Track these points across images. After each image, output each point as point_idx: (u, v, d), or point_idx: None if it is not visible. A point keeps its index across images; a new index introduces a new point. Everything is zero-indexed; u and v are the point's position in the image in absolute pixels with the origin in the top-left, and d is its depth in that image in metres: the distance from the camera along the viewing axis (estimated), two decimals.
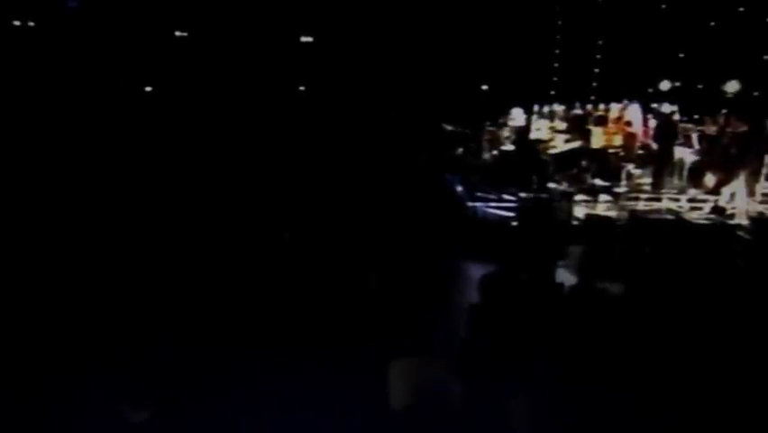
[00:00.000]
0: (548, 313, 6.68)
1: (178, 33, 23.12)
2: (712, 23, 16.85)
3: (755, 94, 15.58)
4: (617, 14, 18.22)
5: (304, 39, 22.53)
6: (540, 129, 11.99)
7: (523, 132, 11.29)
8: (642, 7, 18.02)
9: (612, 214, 10.31)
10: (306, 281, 7.51)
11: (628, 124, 11.67)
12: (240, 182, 12.18)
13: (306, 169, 13.49)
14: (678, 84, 17.82)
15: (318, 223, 9.79)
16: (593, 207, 10.48)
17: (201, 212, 10.24)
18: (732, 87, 17.87)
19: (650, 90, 17.98)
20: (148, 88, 21.57)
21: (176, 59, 20.68)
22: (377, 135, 16.95)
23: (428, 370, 4.83)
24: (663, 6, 18.12)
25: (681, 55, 17.88)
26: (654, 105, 13.82)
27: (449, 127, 16.68)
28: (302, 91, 22.29)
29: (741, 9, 15.89)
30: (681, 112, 14.00)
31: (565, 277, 9.06)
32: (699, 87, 17.02)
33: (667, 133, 11.28)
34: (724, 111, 14.76)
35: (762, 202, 10.54)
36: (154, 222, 9.74)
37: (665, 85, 19.16)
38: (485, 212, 10.79)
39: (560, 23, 19.01)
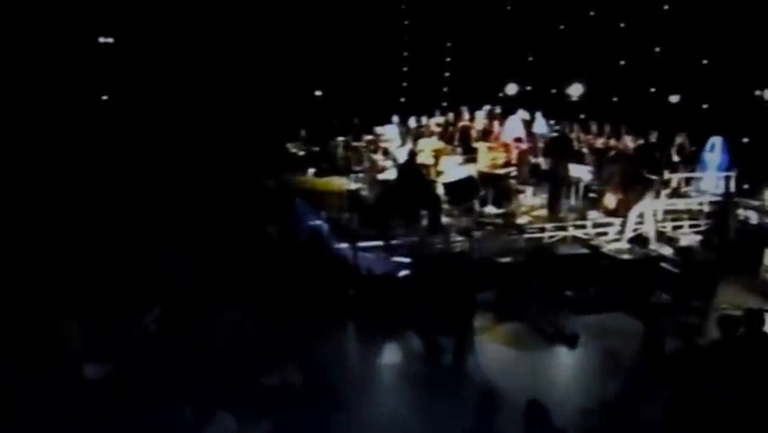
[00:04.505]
0: None
1: None
2: (561, 26, 16.23)
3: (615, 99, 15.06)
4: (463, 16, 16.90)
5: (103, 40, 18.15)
6: (420, 149, 9.81)
7: (409, 156, 9.01)
8: (489, 8, 16.91)
9: (522, 250, 8.55)
10: None
11: (518, 140, 10.01)
12: None
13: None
14: (528, 88, 16.95)
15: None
16: (498, 243, 8.62)
17: None
18: (576, 90, 17.40)
19: (500, 95, 16.93)
20: None
21: None
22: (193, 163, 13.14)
23: None
24: (509, 8, 17.19)
25: (530, 58, 17.10)
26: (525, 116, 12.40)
27: (295, 146, 14.00)
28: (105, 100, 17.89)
29: (592, 13, 15.38)
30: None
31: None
32: (552, 91, 16.26)
33: (561, 148, 9.79)
34: (582, 116, 14.06)
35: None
36: None
37: (513, 88, 18.28)
38: (368, 260, 8.34)
39: (406, 22, 17.31)
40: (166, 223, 9.35)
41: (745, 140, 11.72)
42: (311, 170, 13.03)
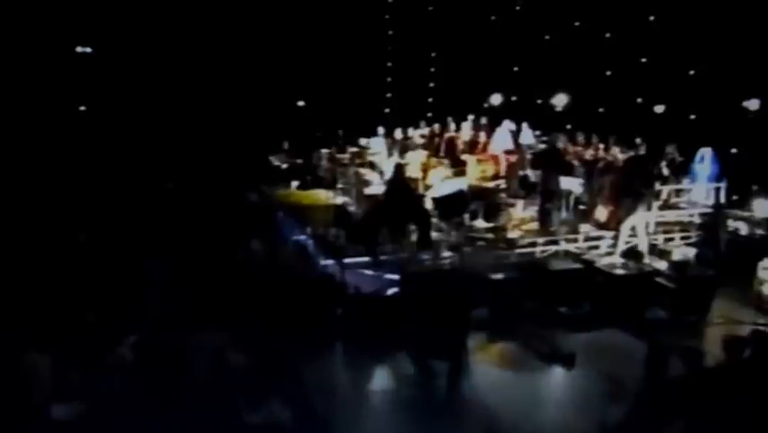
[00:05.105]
0: None
1: None
2: (547, 36, 16.13)
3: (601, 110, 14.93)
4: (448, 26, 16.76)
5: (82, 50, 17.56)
6: (407, 162, 9.56)
7: (397, 169, 8.72)
8: (473, 18, 16.76)
9: (513, 265, 8.32)
10: None
11: (509, 152, 9.80)
12: None
13: None
14: (513, 98, 16.80)
15: None
16: (489, 259, 8.37)
17: None
18: (560, 100, 17.29)
19: (485, 105, 16.75)
20: None
21: None
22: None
23: None
24: (494, 18, 17.06)
25: (515, 68, 16.99)
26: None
27: (278, 159, 13.66)
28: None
29: (577, 24, 15.30)
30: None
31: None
32: (538, 101, 16.14)
33: (550, 160, 9.59)
34: (569, 127, 13.89)
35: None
36: None
37: (497, 99, 18.13)
38: (355, 277, 8.02)
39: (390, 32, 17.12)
40: (143, 239, 8.95)
41: (734, 151, 11.66)
42: (294, 184, 12.73)
